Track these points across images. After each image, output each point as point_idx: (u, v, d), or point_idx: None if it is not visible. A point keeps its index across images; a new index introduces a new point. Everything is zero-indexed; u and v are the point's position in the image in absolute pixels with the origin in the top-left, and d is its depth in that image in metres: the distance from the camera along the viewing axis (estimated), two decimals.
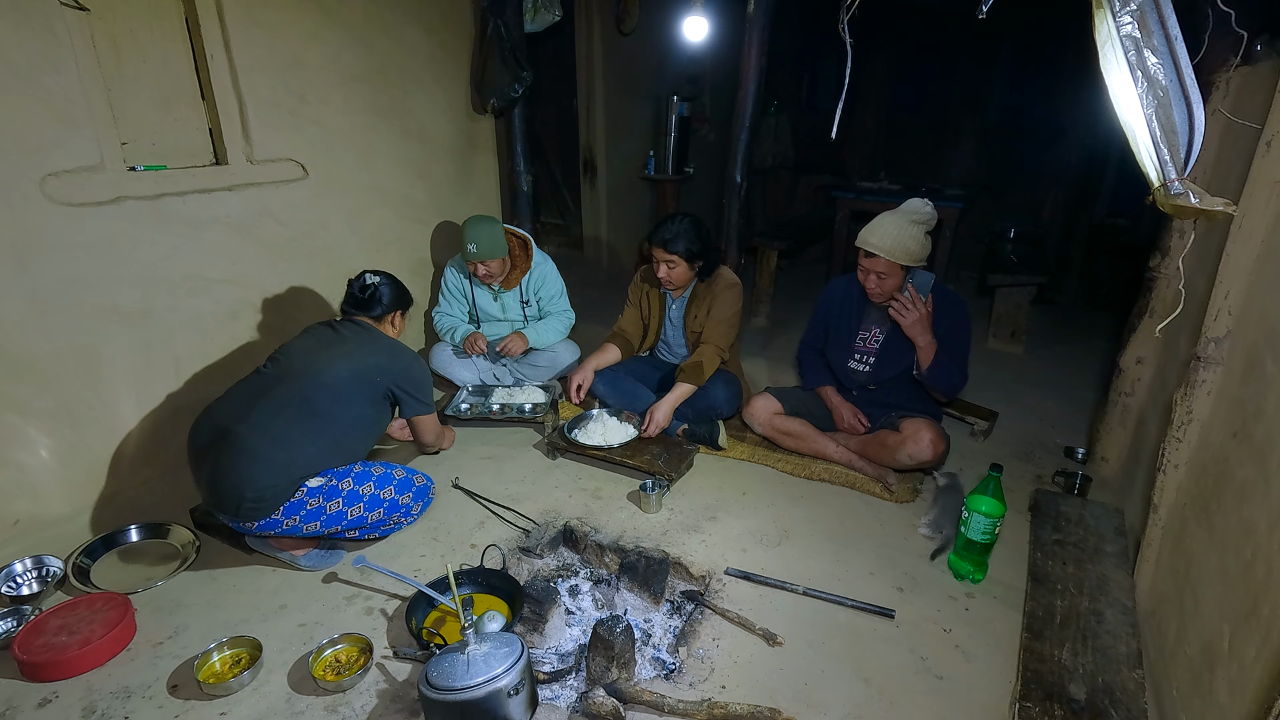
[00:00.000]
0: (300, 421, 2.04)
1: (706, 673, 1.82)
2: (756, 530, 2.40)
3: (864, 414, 2.72)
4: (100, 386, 2.30)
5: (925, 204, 2.44)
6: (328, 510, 2.05)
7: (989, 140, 5.74)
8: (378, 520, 2.15)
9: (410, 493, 2.21)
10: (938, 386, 2.56)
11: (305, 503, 2.01)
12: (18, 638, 1.79)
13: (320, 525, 2.06)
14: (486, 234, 2.98)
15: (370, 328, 2.26)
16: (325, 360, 2.13)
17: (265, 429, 2.01)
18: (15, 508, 2.17)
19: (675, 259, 2.75)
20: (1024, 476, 2.76)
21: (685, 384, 2.79)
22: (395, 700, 1.72)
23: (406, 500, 2.19)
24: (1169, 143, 0.99)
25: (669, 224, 2.76)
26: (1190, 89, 0.98)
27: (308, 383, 2.09)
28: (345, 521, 2.09)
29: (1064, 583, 2.00)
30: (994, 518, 2.03)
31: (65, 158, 2.12)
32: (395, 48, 3.10)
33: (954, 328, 2.51)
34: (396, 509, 2.18)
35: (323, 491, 2.04)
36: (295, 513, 2.01)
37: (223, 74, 2.49)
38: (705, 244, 2.79)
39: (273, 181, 2.70)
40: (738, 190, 3.20)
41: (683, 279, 2.84)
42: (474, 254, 2.97)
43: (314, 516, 2.04)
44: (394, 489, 2.16)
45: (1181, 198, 1.05)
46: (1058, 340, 4.40)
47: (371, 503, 2.11)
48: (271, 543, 2.16)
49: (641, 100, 5.02)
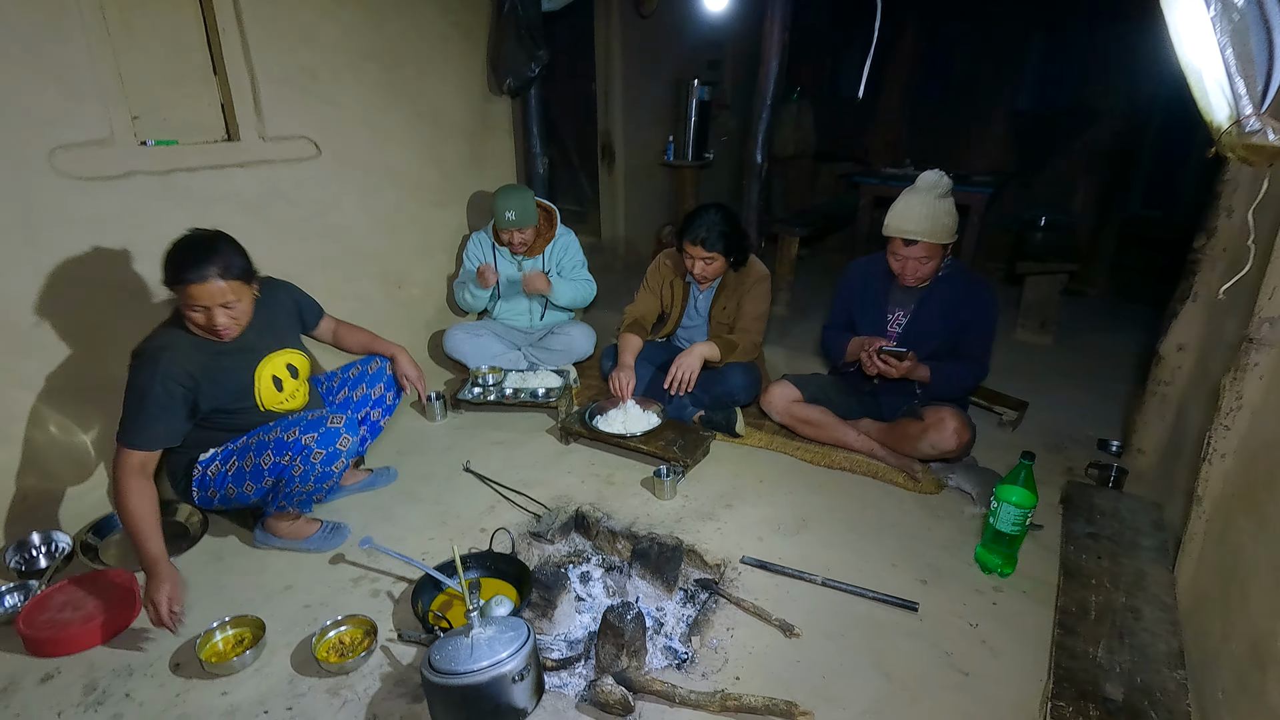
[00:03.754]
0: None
1: (720, 663, 1.75)
2: (774, 519, 2.32)
3: (885, 401, 2.62)
4: (108, 362, 2.27)
5: (940, 174, 2.33)
6: (244, 468, 1.95)
7: (1018, 127, 5.57)
8: (290, 463, 1.91)
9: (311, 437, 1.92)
10: (947, 394, 2.47)
11: (206, 475, 1.99)
12: (22, 612, 1.77)
13: (249, 489, 1.97)
14: (520, 201, 2.99)
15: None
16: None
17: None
18: (25, 483, 2.15)
19: (714, 256, 2.67)
20: (1055, 468, 2.64)
21: (713, 343, 2.73)
22: (399, 684, 1.68)
23: (310, 441, 1.91)
24: (1244, 73, 0.89)
25: (703, 219, 2.65)
26: (1271, 12, 0.86)
27: None
28: (263, 471, 1.93)
29: (1098, 578, 1.90)
30: (1025, 508, 1.93)
31: (74, 130, 2.09)
32: (408, 27, 3.05)
33: (977, 313, 2.41)
34: (301, 449, 1.90)
35: (216, 459, 1.99)
36: (206, 486, 1.99)
37: (235, 49, 2.46)
38: (740, 235, 2.72)
39: (284, 160, 2.67)
40: (758, 171, 3.11)
41: (718, 273, 2.78)
42: (511, 221, 2.97)
43: (229, 480, 1.98)
44: (295, 431, 1.92)
45: (1258, 135, 0.93)
46: (1088, 331, 4.25)
47: (278, 446, 1.91)
48: (272, 533, 2.13)
49: (661, 84, 4.93)
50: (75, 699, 1.62)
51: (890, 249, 2.40)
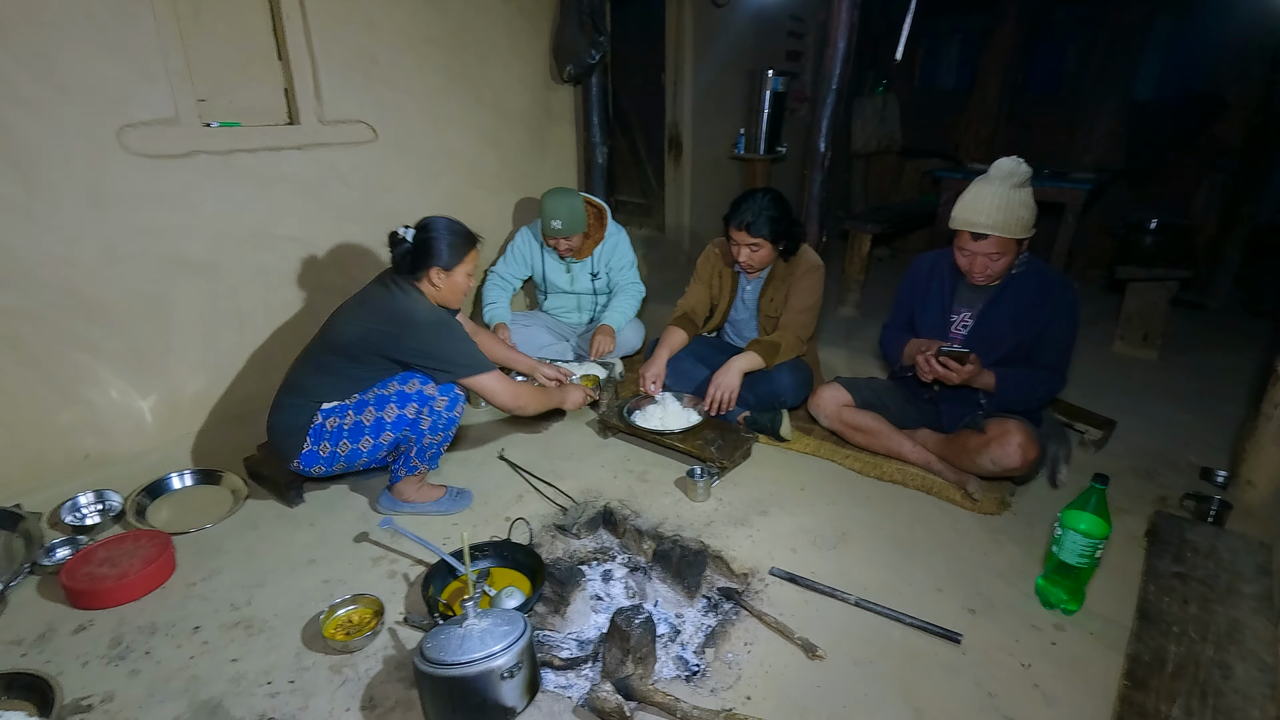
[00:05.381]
0: (320, 375, 2.05)
1: (732, 680, 1.63)
2: (811, 530, 2.16)
3: (946, 411, 2.40)
4: (168, 334, 2.39)
5: (1017, 161, 2.08)
6: (364, 421, 2.02)
7: (1132, 119, 5.04)
8: (399, 418, 2.02)
9: (414, 379, 2.04)
10: (1015, 404, 2.23)
11: (324, 425, 2.02)
12: (66, 565, 1.87)
13: (365, 445, 2.04)
14: (568, 208, 2.89)
15: (399, 287, 2.04)
16: (343, 319, 2.05)
17: (289, 384, 2.09)
18: (85, 443, 2.28)
19: (760, 242, 2.52)
20: (1144, 496, 2.35)
21: (754, 353, 2.57)
22: (400, 668, 1.65)
23: (414, 387, 2.03)
24: None
25: (750, 203, 2.51)
26: None
27: (324, 342, 2.07)
28: (369, 428, 2.02)
29: (1182, 625, 1.64)
30: (1095, 539, 1.70)
31: (142, 110, 2.19)
32: (471, 12, 3.06)
33: (1055, 317, 2.15)
34: (408, 399, 2.02)
35: (338, 411, 2.03)
36: (323, 438, 2.02)
37: (297, 33, 2.52)
38: (790, 222, 2.55)
39: (342, 143, 2.72)
40: (821, 160, 2.92)
41: (766, 261, 2.62)
42: (558, 230, 2.90)
43: (345, 435, 2.02)
44: (397, 383, 2.04)
45: None
46: (1202, 348, 3.79)
47: (380, 402, 2.02)
48: (399, 498, 2.20)
49: (734, 75, 4.77)
50: (101, 651, 1.69)
51: (957, 243, 2.18)
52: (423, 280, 2.05)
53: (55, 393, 2.19)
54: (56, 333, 2.15)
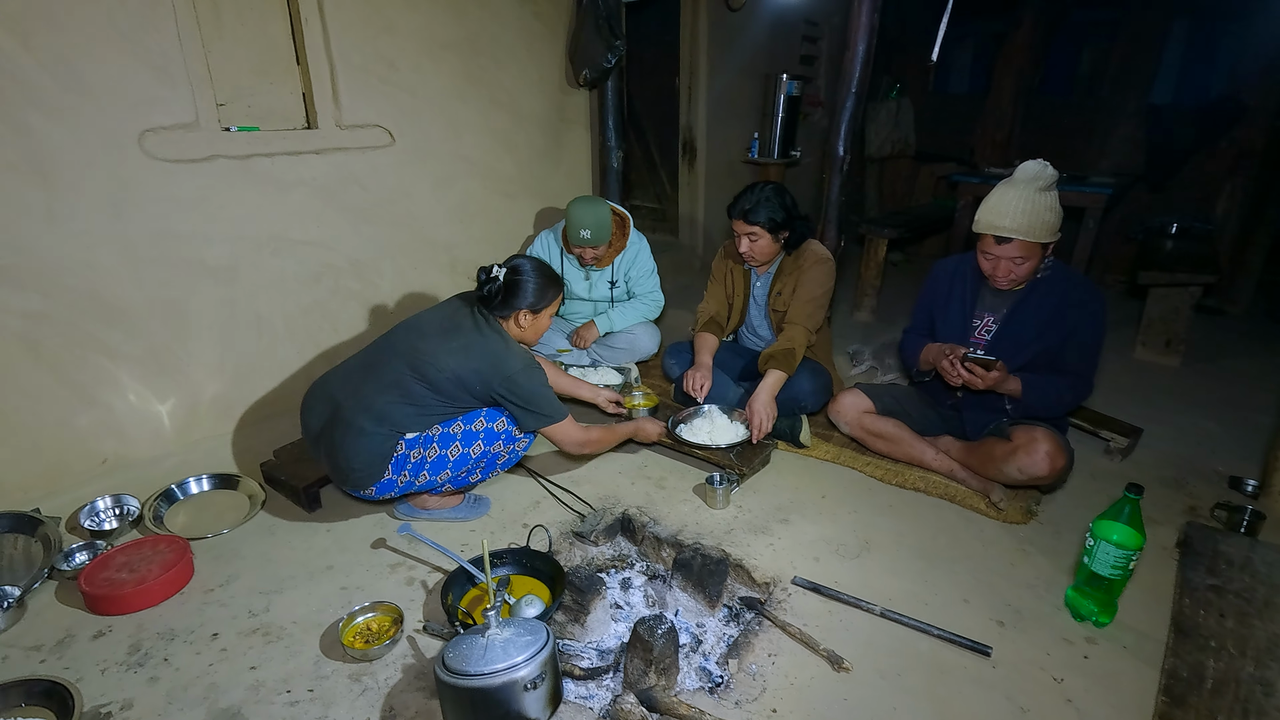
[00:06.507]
0: (403, 405, 1.99)
1: (757, 692, 1.60)
2: (834, 538, 2.13)
3: (970, 418, 2.36)
4: (186, 338, 2.38)
5: (1043, 165, 2.06)
6: (449, 455, 2.04)
7: (1151, 123, 4.99)
8: (482, 453, 2.08)
9: (501, 418, 2.09)
10: (1041, 411, 2.19)
11: (408, 455, 2.01)
12: (84, 571, 1.86)
13: (444, 477, 2.08)
14: (595, 217, 2.84)
15: (490, 325, 2.04)
16: (432, 351, 2.00)
17: (369, 407, 1.98)
18: (104, 447, 2.28)
19: (757, 230, 2.50)
20: (1172, 506, 2.30)
21: (776, 371, 2.54)
22: (420, 677, 1.63)
23: (502, 426, 2.08)
24: None
25: (749, 193, 2.52)
26: None
27: (411, 372, 2.00)
28: (452, 463, 2.05)
29: (1220, 639, 1.60)
30: (1128, 550, 1.66)
31: (163, 114, 2.19)
32: (488, 16, 3.05)
33: (1082, 323, 2.11)
34: (495, 436, 2.08)
35: (421, 442, 2.03)
36: (403, 468, 2.02)
37: (316, 38, 2.52)
38: (790, 213, 2.53)
39: (359, 147, 2.72)
40: (840, 164, 2.90)
41: (766, 253, 2.59)
42: (586, 240, 2.86)
43: (425, 467, 2.04)
44: (484, 419, 2.07)
45: None
46: (1226, 355, 3.73)
47: (467, 438, 2.05)
48: (419, 506, 2.22)
49: (748, 80, 4.76)
50: (120, 657, 1.68)
51: (980, 247, 2.15)
52: (509, 319, 2.06)
53: (74, 396, 2.19)
54: (76, 336, 2.15)
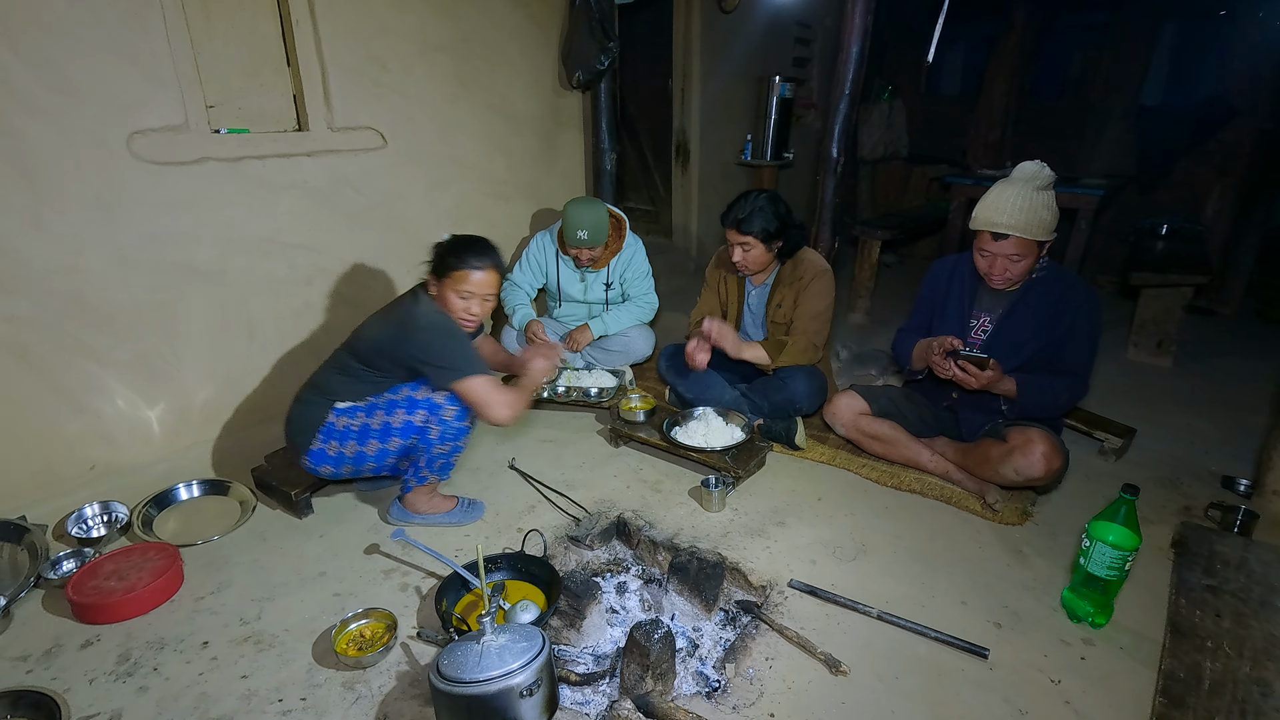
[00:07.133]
0: (337, 375, 2.08)
1: (754, 696, 1.59)
2: (830, 541, 2.12)
3: (965, 419, 2.36)
4: (176, 342, 2.36)
5: (1040, 165, 2.07)
6: (372, 425, 2.02)
7: (1141, 125, 5.02)
8: (405, 423, 2.01)
9: (423, 387, 2.03)
10: (1036, 412, 2.19)
11: (335, 424, 2.03)
12: (72, 578, 1.83)
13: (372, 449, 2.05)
14: (593, 219, 2.84)
15: (414, 295, 2.07)
16: (364, 327, 2.11)
17: (313, 382, 2.12)
18: (92, 453, 2.25)
19: (750, 240, 2.49)
20: (1167, 506, 2.31)
21: (761, 348, 2.56)
22: (414, 685, 1.61)
23: (423, 395, 2.01)
24: None
25: (742, 201, 2.50)
26: None
27: (346, 345, 2.12)
28: (376, 432, 2.03)
29: (1217, 640, 1.60)
30: (1124, 550, 1.66)
31: (152, 116, 2.17)
32: (481, 18, 3.04)
33: (1077, 322, 2.11)
34: (416, 405, 2.01)
35: (350, 412, 2.04)
36: (332, 436, 2.03)
37: (307, 40, 2.50)
38: (784, 222, 2.51)
39: (351, 149, 2.70)
40: (833, 167, 2.90)
41: (759, 262, 2.57)
42: (583, 240, 2.85)
43: (353, 436, 2.03)
44: (407, 389, 2.03)
45: None
46: (1217, 355, 3.76)
47: (389, 406, 2.02)
48: (411, 510, 2.19)
49: (741, 82, 4.76)
50: (109, 667, 1.65)
51: (977, 244, 2.15)
52: (431, 287, 2.06)
53: (62, 402, 2.16)
54: (64, 341, 2.12)
